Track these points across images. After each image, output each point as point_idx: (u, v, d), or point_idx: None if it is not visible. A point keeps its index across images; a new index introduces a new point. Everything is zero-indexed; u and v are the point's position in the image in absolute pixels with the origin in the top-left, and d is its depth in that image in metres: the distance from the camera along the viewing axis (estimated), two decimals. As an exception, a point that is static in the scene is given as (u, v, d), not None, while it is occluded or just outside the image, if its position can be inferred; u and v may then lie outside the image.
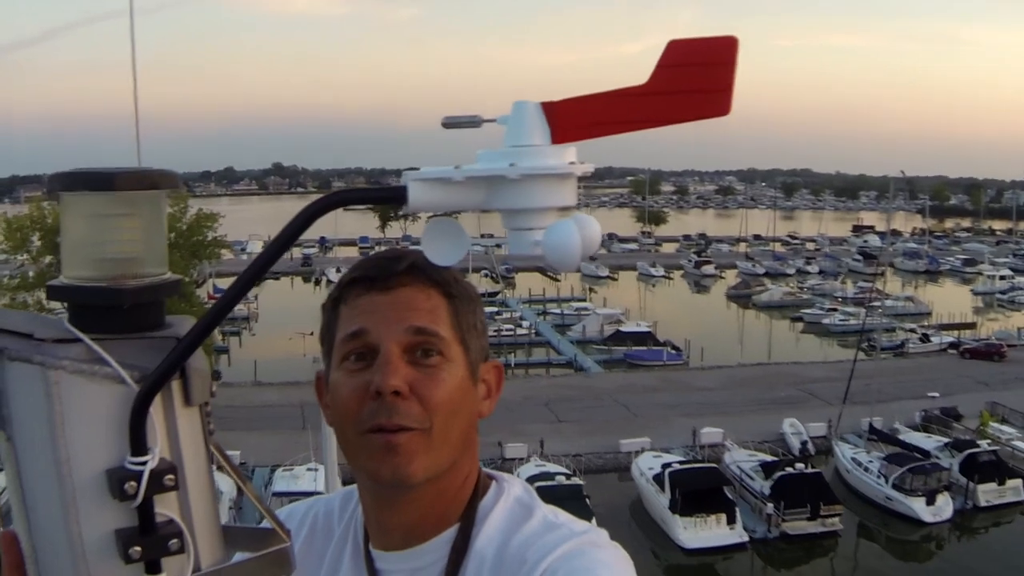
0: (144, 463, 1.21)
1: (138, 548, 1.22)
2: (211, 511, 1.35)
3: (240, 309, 71.84)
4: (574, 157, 1.26)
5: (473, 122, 1.31)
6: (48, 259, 48.17)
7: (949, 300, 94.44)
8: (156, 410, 1.24)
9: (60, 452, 1.22)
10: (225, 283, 75.94)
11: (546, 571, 1.71)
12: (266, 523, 1.50)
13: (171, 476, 1.24)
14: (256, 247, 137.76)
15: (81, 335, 1.25)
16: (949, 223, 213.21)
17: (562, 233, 1.21)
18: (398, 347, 1.75)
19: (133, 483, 1.20)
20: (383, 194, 1.30)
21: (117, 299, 1.27)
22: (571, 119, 1.23)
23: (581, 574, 1.68)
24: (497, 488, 1.94)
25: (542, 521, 1.84)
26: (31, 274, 49.04)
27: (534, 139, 1.24)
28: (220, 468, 1.48)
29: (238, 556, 1.43)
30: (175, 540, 1.25)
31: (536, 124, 1.24)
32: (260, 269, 1.22)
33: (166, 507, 1.26)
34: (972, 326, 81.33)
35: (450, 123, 1.32)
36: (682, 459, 41.66)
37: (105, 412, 1.23)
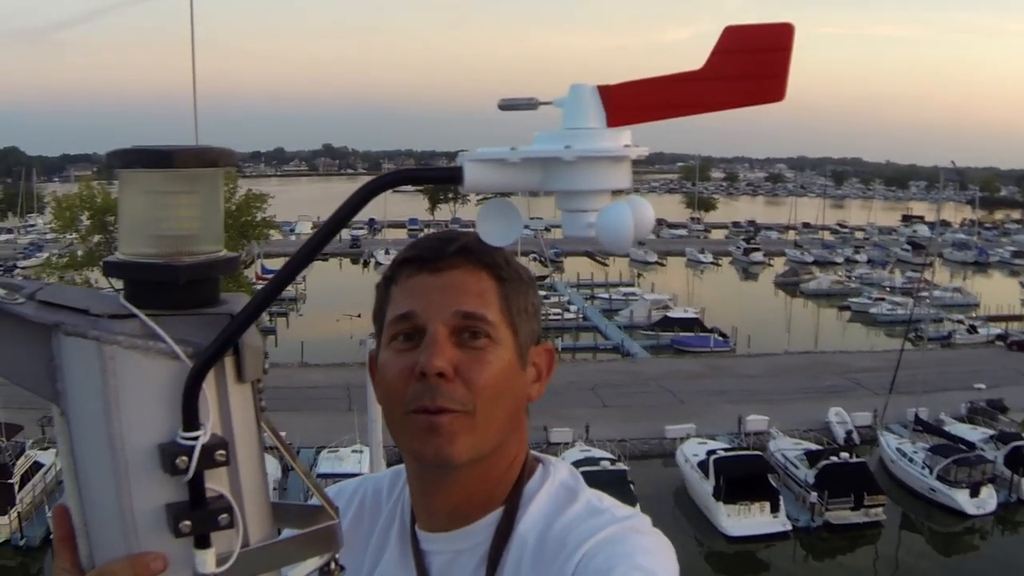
0: (196, 438, 1.22)
1: (188, 522, 1.24)
2: (261, 487, 1.36)
3: (288, 290, 71.89)
4: (629, 140, 1.27)
5: (530, 104, 1.30)
6: (97, 238, 48.39)
7: (997, 292, 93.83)
8: (209, 386, 1.26)
9: (113, 426, 1.24)
10: (273, 263, 76.19)
11: (585, 555, 1.72)
12: (315, 500, 1.51)
13: (222, 452, 1.25)
14: (305, 228, 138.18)
15: (136, 311, 1.27)
16: (999, 214, 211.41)
17: (615, 215, 1.21)
18: (445, 328, 1.77)
19: (184, 458, 1.22)
20: (440, 174, 1.30)
21: (173, 275, 1.29)
22: (627, 102, 1.23)
23: (620, 560, 1.68)
24: (543, 471, 1.95)
25: (585, 505, 1.86)
26: (80, 253, 49.25)
27: (590, 122, 1.24)
28: (271, 447, 1.49)
29: (286, 532, 1.44)
30: (225, 515, 1.27)
31: (592, 107, 1.24)
32: (315, 248, 1.23)
33: (216, 482, 1.27)
34: (1020, 318, 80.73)
35: (507, 105, 1.33)
36: (727, 446, 41.59)
37: (158, 387, 1.25)
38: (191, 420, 1.23)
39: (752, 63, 1.15)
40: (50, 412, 1.33)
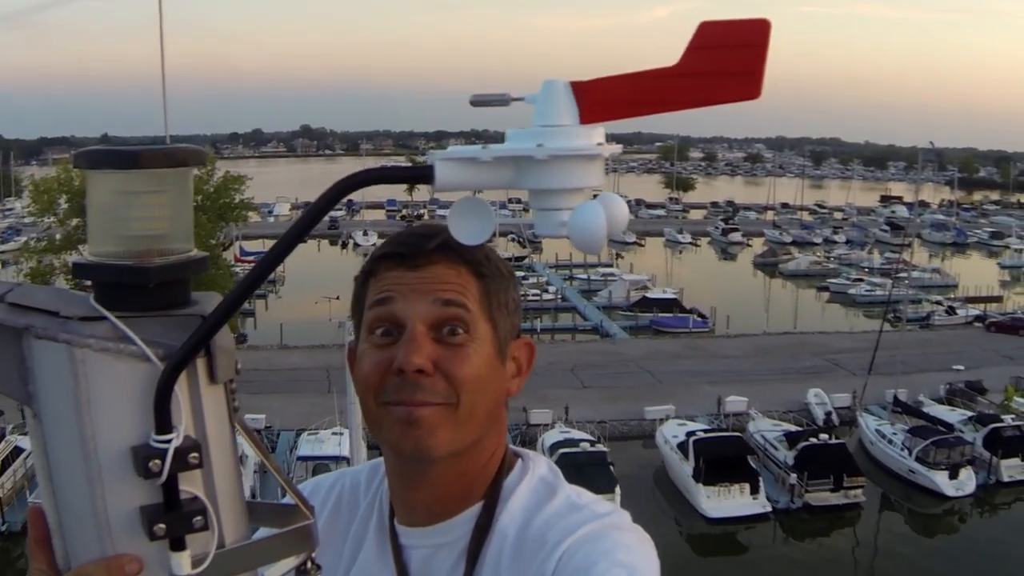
0: (169, 441, 1.21)
1: (163, 525, 1.23)
2: (235, 488, 1.35)
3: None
4: (602, 138, 1.25)
5: (502, 100, 1.30)
6: (75, 221, 48.40)
7: (976, 273, 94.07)
8: (181, 388, 1.24)
9: (86, 429, 1.23)
10: (251, 246, 76.11)
11: (565, 552, 1.71)
12: (290, 499, 1.51)
13: (195, 454, 1.24)
14: (283, 210, 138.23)
15: (107, 313, 1.25)
16: (977, 195, 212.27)
17: (587, 215, 1.20)
18: (424, 324, 1.77)
19: (158, 461, 1.21)
20: (411, 173, 1.28)
21: (143, 277, 1.28)
22: (600, 99, 1.22)
23: (600, 556, 1.68)
24: (522, 466, 1.94)
25: (565, 501, 1.85)
26: (58, 236, 49.26)
27: (563, 119, 1.23)
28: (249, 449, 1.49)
29: (261, 531, 1.44)
30: (199, 517, 1.26)
31: (565, 103, 1.23)
32: (287, 246, 1.21)
33: (191, 484, 1.26)
34: (998, 299, 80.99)
35: (479, 101, 1.32)
36: (706, 427, 41.89)
37: (130, 390, 1.23)
38: (163, 423, 1.22)
39: (727, 59, 1.14)
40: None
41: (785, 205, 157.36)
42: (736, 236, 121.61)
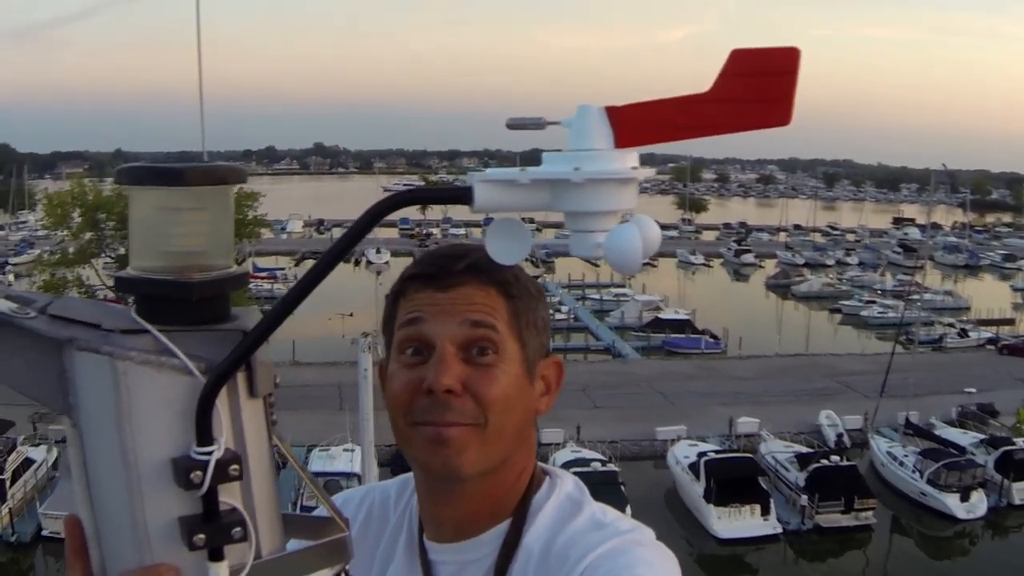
0: (210, 453, 1.23)
1: (202, 536, 1.25)
2: (272, 500, 1.38)
3: (279, 288, 71.84)
4: (636, 162, 1.27)
5: (537, 124, 1.31)
6: (88, 235, 48.45)
7: (988, 295, 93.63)
8: (221, 401, 1.26)
9: (127, 441, 1.24)
10: (264, 262, 76.07)
11: (587, 568, 1.73)
12: (323, 510, 1.53)
13: (235, 466, 1.26)
14: (296, 226, 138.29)
15: (149, 327, 1.27)
16: (990, 218, 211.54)
17: (625, 238, 1.22)
18: (453, 345, 1.78)
19: (199, 472, 1.23)
20: (450, 194, 1.31)
21: (185, 292, 1.30)
22: (634, 124, 1.24)
23: (622, 571, 1.69)
24: (550, 484, 1.96)
25: (589, 519, 1.87)
26: (71, 250, 49.30)
27: (598, 143, 1.24)
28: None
29: (293, 543, 1.45)
30: (238, 528, 1.28)
31: (600, 128, 1.24)
32: (327, 266, 1.23)
33: (229, 496, 1.28)
34: (1011, 322, 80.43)
35: (514, 124, 1.33)
36: (718, 448, 41.65)
37: (171, 402, 1.25)
38: (205, 435, 1.24)
39: (758, 87, 1.15)
40: (41, 408, 1.35)
41: (797, 227, 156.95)
42: (748, 257, 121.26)
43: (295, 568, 1.39)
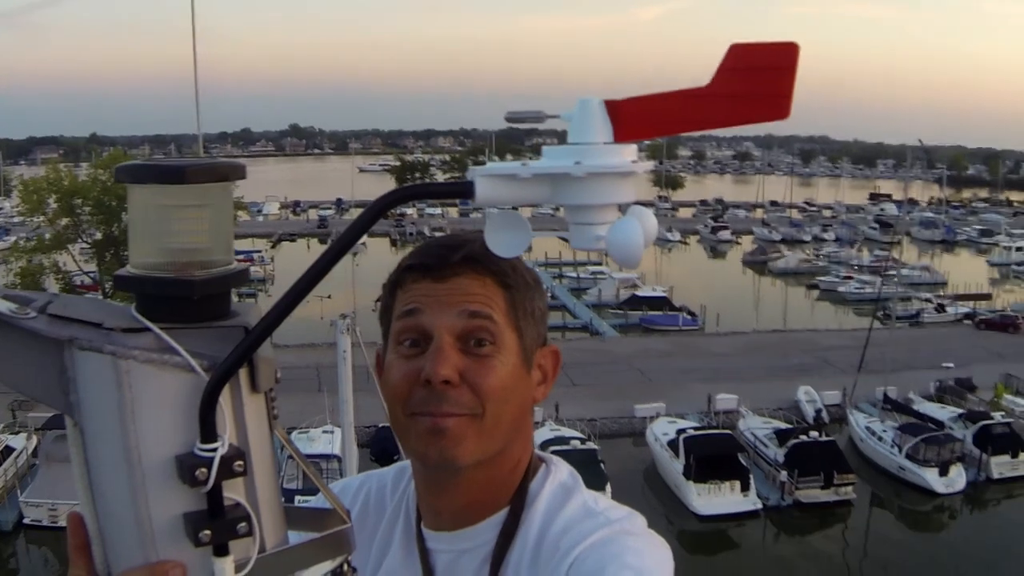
0: (214, 450, 1.24)
1: (208, 531, 1.25)
2: (275, 494, 1.38)
3: (256, 271, 71.77)
4: (635, 155, 1.28)
5: (536, 117, 1.31)
6: (64, 221, 48.37)
7: (965, 270, 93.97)
8: (224, 397, 1.26)
9: (131, 439, 1.25)
10: (241, 245, 75.82)
11: (576, 559, 1.74)
12: (322, 501, 1.54)
13: (240, 462, 1.27)
14: (272, 208, 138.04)
15: (151, 325, 1.28)
16: (966, 193, 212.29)
17: (627, 232, 1.23)
18: (450, 335, 1.79)
19: (204, 469, 1.23)
20: (452, 189, 1.31)
21: (186, 290, 1.30)
22: (634, 117, 1.24)
23: (609, 560, 1.70)
24: (545, 471, 1.97)
25: (581, 507, 1.88)
26: (47, 236, 49.22)
27: (597, 137, 1.25)
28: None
29: (295, 535, 1.46)
30: (243, 523, 1.28)
31: (599, 122, 1.25)
32: (331, 260, 1.23)
33: (233, 491, 1.28)
34: (988, 297, 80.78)
35: (513, 118, 1.34)
36: (697, 425, 41.72)
37: (174, 400, 1.26)
38: (209, 432, 1.24)
39: (757, 81, 1.15)
40: (20, 396, 1.34)
41: (774, 203, 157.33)
42: (725, 234, 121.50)
43: (298, 561, 1.40)
